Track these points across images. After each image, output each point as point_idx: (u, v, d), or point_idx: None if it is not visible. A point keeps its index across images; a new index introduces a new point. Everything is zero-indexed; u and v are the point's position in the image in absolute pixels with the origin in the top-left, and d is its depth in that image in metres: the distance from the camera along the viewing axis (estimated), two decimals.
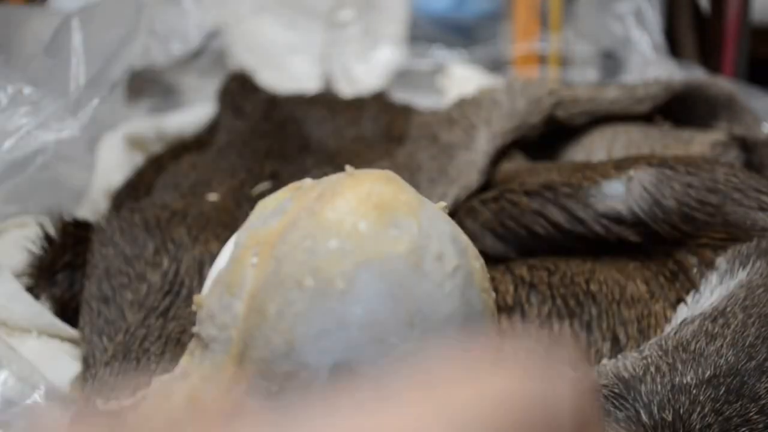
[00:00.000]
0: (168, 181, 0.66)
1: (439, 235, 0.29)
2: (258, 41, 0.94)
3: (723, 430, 0.38)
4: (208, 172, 0.66)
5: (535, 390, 0.24)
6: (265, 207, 0.30)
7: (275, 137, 0.71)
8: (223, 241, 0.33)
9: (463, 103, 0.68)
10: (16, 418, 0.48)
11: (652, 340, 0.43)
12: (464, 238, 0.30)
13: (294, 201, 0.29)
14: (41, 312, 0.54)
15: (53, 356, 0.53)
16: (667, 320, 0.47)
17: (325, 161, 0.67)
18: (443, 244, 0.28)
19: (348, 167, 0.30)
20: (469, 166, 0.59)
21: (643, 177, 0.50)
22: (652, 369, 0.40)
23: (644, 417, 0.38)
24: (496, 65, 0.95)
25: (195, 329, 0.29)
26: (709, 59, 0.91)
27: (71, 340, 0.54)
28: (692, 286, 0.48)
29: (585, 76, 0.93)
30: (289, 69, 0.93)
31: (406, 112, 0.76)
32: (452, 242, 0.29)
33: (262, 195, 0.62)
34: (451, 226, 0.30)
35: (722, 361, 0.40)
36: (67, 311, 0.56)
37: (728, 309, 0.42)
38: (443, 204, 0.31)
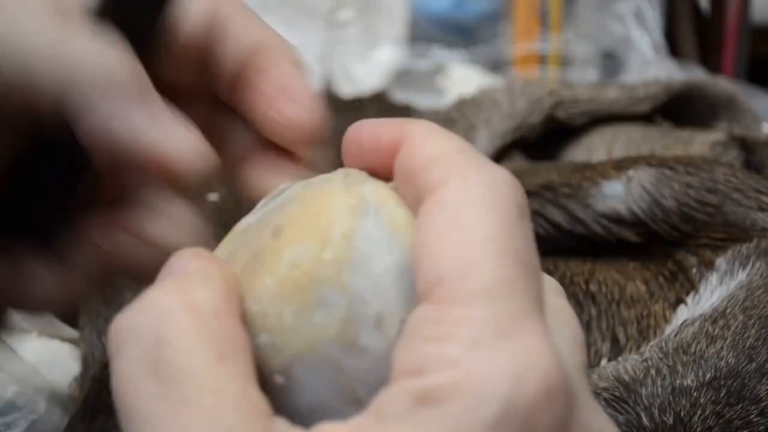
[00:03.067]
0: None
1: (376, 287, 0.25)
2: None
3: None
4: None
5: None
6: None
7: None
8: None
9: (463, 103, 0.68)
10: (17, 420, 0.48)
11: (653, 342, 0.43)
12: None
13: None
14: None
15: (53, 357, 0.53)
16: (667, 320, 0.47)
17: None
18: (382, 298, 0.25)
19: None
20: None
21: (642, 177, 0.50)
22: (653, 371, 0.40)
23: (645, 420, 0.38)
24: (496, 65, 0.95)
25: None
26: (709, 59, 0.91)
27: (71, 341, 0.54)
28: (692, 286, 0.48)
29: (585, 76, 0.93)
30: None
31: (406, 112, 0.76)
32: (397, 283, 0.25)
33: None
34: (395, 252, 0.26)
35: (723, 363, 0.40)
36: (68, 311, 0.55)
37: (728, 310, 0.42)
38: (393, 185, 0.28)
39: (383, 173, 0.28)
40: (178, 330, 0.23)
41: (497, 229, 0.24)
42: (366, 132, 0.28)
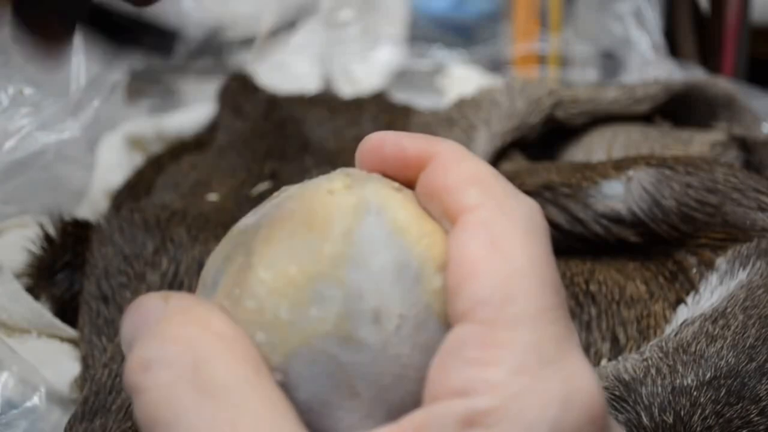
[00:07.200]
0: (168, 181, 0.66)
1: (374, 284, 0.25)
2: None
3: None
4: (208, 172, 0.66)
5: None
6: (207, 273, 0.28)
7: (275, 137, 0.71)
8: None
9: (462, 104, 0.68)
10: (17, 420, 0.48)
11: (653, 342, 0.43)
12: (419, 253, 0.26)
13: (224, 275, 0.27)
14: (41, 312, 0.54)
15: (53, 357, 0.53)
16: (667, 320, 0.47)
17: (324, 161, 0.67)
18: (381, 294, 0.25)
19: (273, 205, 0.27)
20: None
21: (642, 177, 0.50)
22: (653, 371, 0.40)
23: (645, 419, 0.38)
24: (496, 65, 0.95)
25: None
26: (709, 59, 0.91)
27: (71, 341, 0.54)
28: (692, 286, 0.48)
29: (585, 76, 0.93)
30: (289, 69, 0.93)
31: (406, 112, 0.76)
32: (396, 281, 0.26)
33: (262, 195, 0.62)
34: (395, 250, 0.26)
35: (723, 362, 0.40)
36: (67, 311, 0.55)
37: (728, 310, 0.42)
38: (395, 186, 0.28)
39: (399, 181, 0.28)
40: (213, 351, 0.24)
41: (538, 258, 0.25)
42: (389, 141, 0.29)
